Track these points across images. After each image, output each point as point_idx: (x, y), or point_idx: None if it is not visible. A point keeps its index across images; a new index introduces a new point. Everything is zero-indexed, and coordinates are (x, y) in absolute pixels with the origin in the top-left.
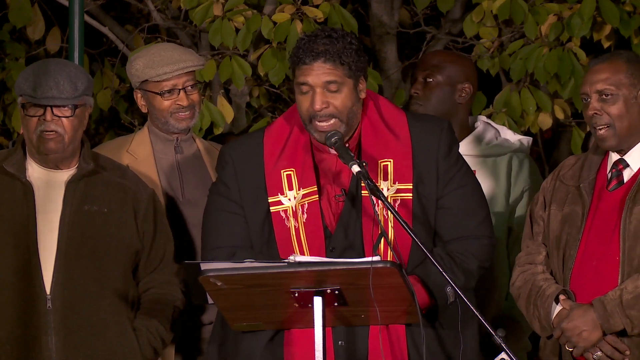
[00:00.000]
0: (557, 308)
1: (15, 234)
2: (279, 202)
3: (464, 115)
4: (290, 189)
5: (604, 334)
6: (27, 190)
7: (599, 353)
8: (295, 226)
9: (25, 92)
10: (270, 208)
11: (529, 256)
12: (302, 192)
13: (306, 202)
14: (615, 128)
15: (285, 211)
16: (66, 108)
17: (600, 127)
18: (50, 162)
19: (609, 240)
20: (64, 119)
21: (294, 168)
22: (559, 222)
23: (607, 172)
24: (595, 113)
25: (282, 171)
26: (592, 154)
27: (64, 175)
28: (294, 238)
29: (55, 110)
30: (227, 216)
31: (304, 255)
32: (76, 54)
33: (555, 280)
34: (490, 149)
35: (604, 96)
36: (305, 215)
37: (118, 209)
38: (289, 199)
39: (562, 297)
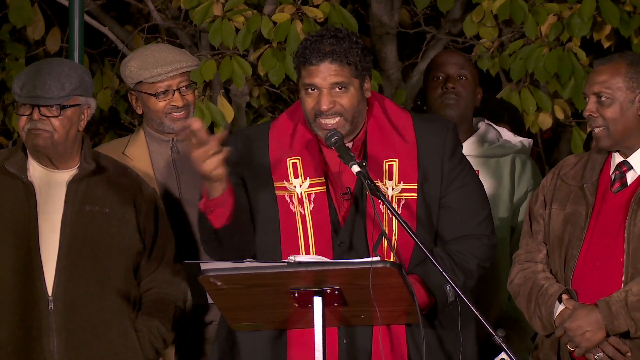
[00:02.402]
0: (560, 307)
1: (17, 234)
2: (285, 188)
3: (471, 117)
4: (296, 176)
5: (607, 335)
6: (29, 190)
7: (601, 354)
8: (301, 212)
9: (14, 90)
10: (276, 192)
11: (528, 254)
12: (309, 181)
13: (313, 191)
14: (610, 130)
15: (291, 196)
16: (53, 108)
17: (595, 128)
18: (45, 159)
19: (613, 242)
20: (52, 119)
21: (300, 157)
22: (561, 221)
23: (611, 173)
24: (591, 114)
25: (287, 159)
26: (594, 153)
27: (65, 175)
28: (299, 223)
29: (43, 110)
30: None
31: (308, 243)
32: (76, 54)
33: (556, 280)
34: (493, 150)
35: (600, 98)
36: (312, 205)
37: (119, 208)
38: (294, 186)
39: (565, 296)
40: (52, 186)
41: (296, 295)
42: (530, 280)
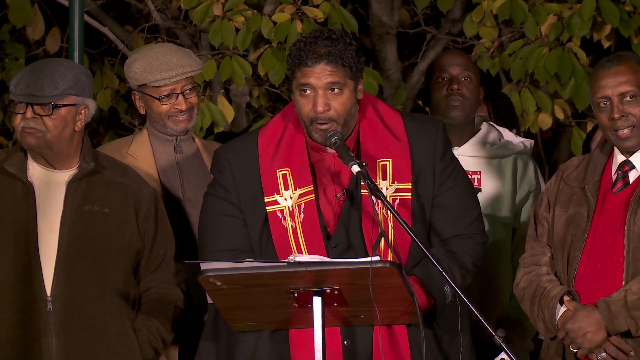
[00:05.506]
0: (562, 309)
1: (16, 234)
2: (275, 202)
3: (474, 117)
4: (287, 188)
5: (609, 335)
6: (28, 190)
7: (604, 354)
8: (292, 226)
9: (10, 89)
10: (267, 208)
11: (533, 257)
12: (299, 191)
13: (303, 201)
14: (639, 129)
15: (282, 211)
16: (46, 106)
17: (625, 129)
18: (43, 159)
19: (614, 242)
20: (44, 117)
21: (289, 168)
22: (563, 223)
23: (613, 173)
24: (623, 116)
25: (277, 171)
26: (596, 154)
27: (65, 175)
28: (291, 238)
29: (36, 108)
30: (227, 219)
31: (301, 253)
32: (76, 54)
33: (560, 282)
34: (494, 151)
35: (627, 98)
36: (302, 215)
37: (119, 208)
38: (285, 199)
39: (566, 298)
40: (51, 186)
41: (296, 295)
42: (534, 283)
